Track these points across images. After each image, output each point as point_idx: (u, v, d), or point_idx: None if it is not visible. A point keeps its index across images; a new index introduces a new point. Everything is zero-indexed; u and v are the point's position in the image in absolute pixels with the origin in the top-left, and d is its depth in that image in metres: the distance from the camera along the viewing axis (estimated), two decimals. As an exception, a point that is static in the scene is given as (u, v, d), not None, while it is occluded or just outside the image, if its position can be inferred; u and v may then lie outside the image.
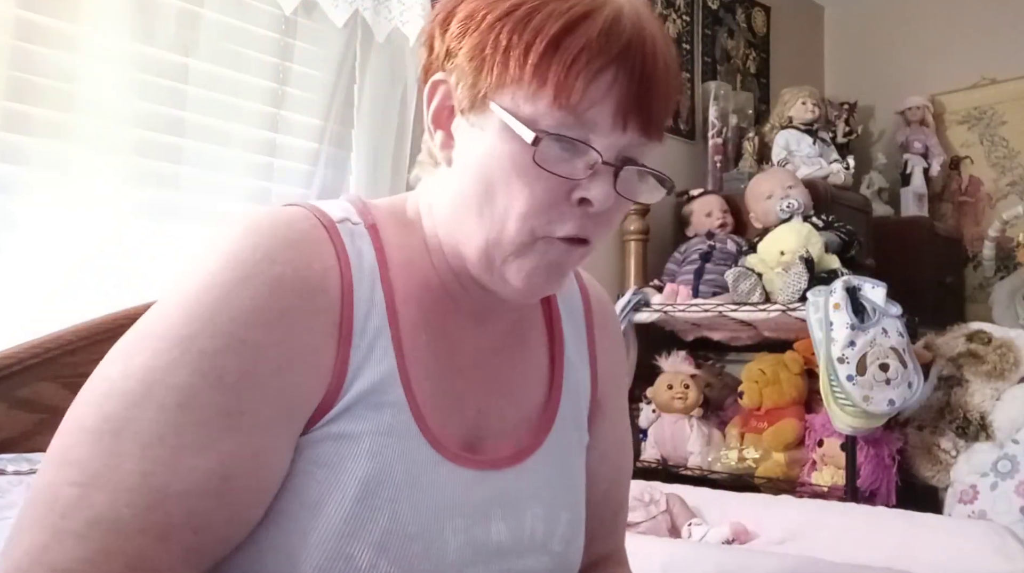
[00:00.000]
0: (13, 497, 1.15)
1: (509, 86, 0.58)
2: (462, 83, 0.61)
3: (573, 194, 0.60)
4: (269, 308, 0.56)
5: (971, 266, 3.20)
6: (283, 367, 0.56)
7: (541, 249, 0.61)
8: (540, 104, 0.57)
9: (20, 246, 1.43)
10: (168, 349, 0.54)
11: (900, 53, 3.41)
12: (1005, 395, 2.02)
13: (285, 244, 0.59)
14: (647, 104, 0.59)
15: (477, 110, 0.60)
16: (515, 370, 0.72)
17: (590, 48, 0.56)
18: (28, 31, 1.42)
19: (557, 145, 0.58)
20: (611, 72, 0.57)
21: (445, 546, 0.60)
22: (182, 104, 1.64)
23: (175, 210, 1.64)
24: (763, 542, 1.63)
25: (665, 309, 2.32)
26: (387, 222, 0.67)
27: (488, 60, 0.58)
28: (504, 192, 0.59)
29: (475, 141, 0.61)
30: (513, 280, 0.62)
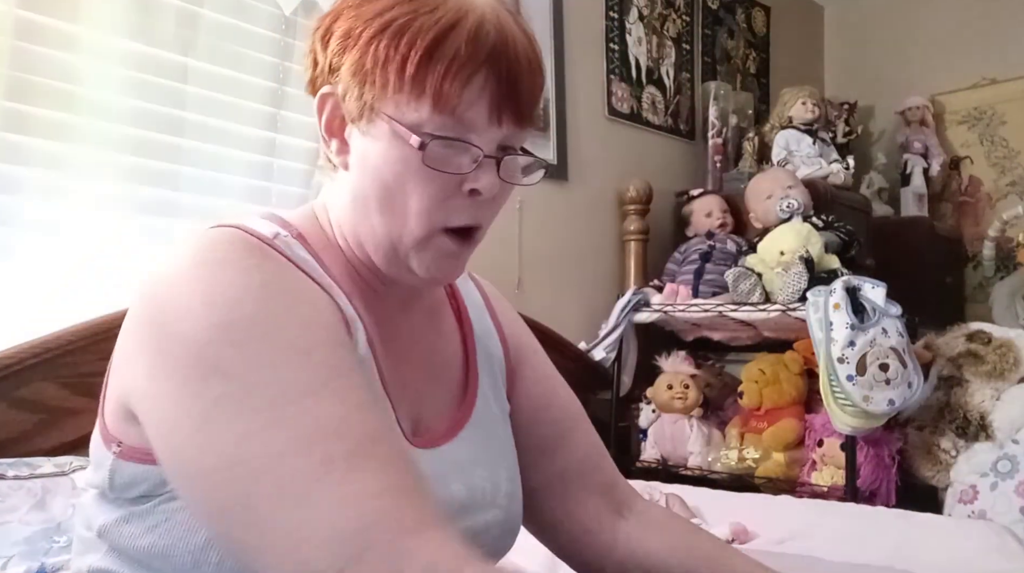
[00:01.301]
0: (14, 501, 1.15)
1: (391, 96, 0.63)
2: (349, 95, 0.66)
3: (463, 186, 0.66)
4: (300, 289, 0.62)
5: (971, 266, 3.20)
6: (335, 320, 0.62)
7: (439, 242, 0.67)
8: (421, 110, 0.63)
9: (20, 246, 1.43)
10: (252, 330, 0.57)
11: (900, 53, 3.41)
12: (1005, 395, 2.02)
13: (246, 247, 0.62)
14: (516, 99, 0.66)
15: (366, 119, 0.65)
16: (437, 353, 0.78)
17: (460, 56, 0.62)
18: (28, 31, 1.42)
19: (441, 146, 0.64)
20: (481, 75, 0.63)
21: None
22: (181, 104, 1.64)
23: (175, 209, 1.64)
24: (763, 542, 1.63)
25: (665, 309, 2.32)
26: (307, 229, 0.71)
27: (369, 74, 0.64)
28: (400, 192, 0.65)
29: (368, 147, 0.66)
30: (418, 270, 0.68)
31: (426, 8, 0.63)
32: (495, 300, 0.88)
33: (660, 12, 2.86)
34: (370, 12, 0.64)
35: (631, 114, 2.72)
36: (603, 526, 0.82)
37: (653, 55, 2.82)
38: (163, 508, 0.61)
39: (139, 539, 0.62)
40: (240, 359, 0.55)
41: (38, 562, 1.05)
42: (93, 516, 0.66)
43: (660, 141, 2.83)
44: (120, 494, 0.63)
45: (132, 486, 0.62)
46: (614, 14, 2.68)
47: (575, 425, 0.86)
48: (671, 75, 2.88)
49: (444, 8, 0.63)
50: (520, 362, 0.85)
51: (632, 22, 2.75)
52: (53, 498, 1.17)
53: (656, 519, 0.84)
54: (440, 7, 0.63)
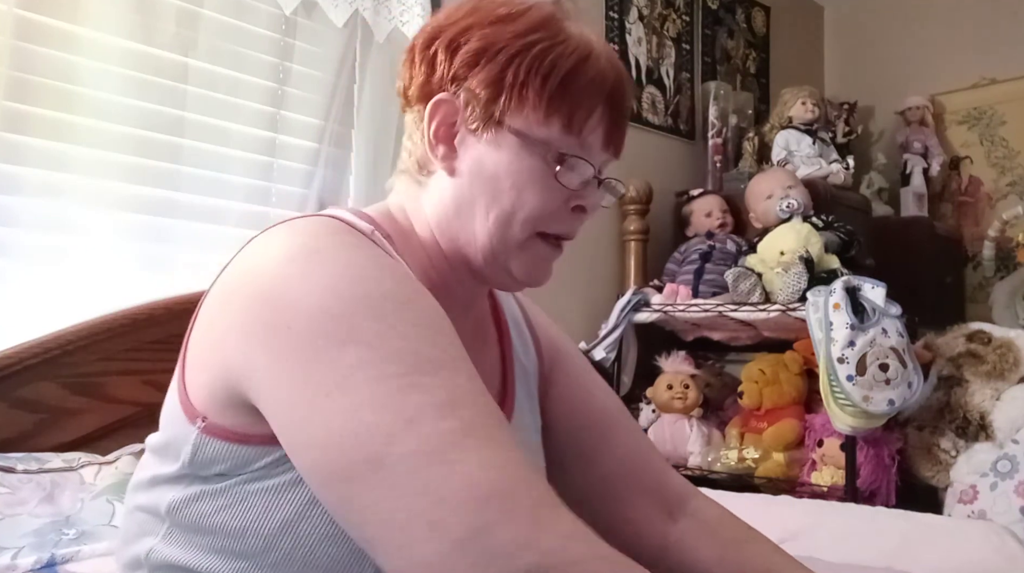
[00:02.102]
0: (23, 495, 1.15)
1: (523, 112, 0.69)
2: (473, 105, 0.70)
3: (571, 201, 0.72)
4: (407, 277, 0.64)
5: (971, 266, 3.20)
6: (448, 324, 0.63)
7: (536, 246, 0.73)
8: (552, 129, 0.69)
9: (20, 246, 1.43)
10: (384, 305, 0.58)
11: (900, 53, 3.41)
12: (1005, 395, 2.02)
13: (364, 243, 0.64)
14: (623, 131, 0.75)
15: (489, 129, 0.70)
16: (483, 362, 0.77)
17: (592, 87, 0.70)
18: (28, 31, 1.42)
19: (565, 163, 0.70)
20: (604, 106, 0.71)
21: None
22: (182, 103, 1.64)
23: (175, 209, 1.64)
24: (763, 542, 1.63)
25: (665, 309, 2.32)
26: (389, 229, 0.73)
27: (509, 89, 0.69)
28: (517, 199, 0.70)
29: (487, 155, 0.71)
30: (517, 272, 0.73)
31: (560, 38, 0.70)
32: (530, 310, 0.91)
33: (660, 12, 2.86)
34: (509, 33, 0.70)
35: (631, 114, 2.71)
36: (654, 530, 0.82)
37: (653, 55, 2.82)
38: (241, 489, 0.61)
39: (210, 517, 0.61)
40: (376, 329, 0.56)
41: (48, 553, 1.05)
42: (158, 496, 0.65)
43: (660, 141, 2.83)
44: (197, 471, 0.63)
45: (213, 463, 0.62)
46: (614, 14, 2.68)
47: (614, 425, 0.86)
48: (671, 75, 2.88)
49: (573, 41, 0.71)
50: (553, 367, 0.87)
51: (632, 22, 2.74)
52: (62, 492, 1.18)
53: (709, 522, 0.83)
54: (569, 40, 0.70)
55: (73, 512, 1.15)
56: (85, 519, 1.15)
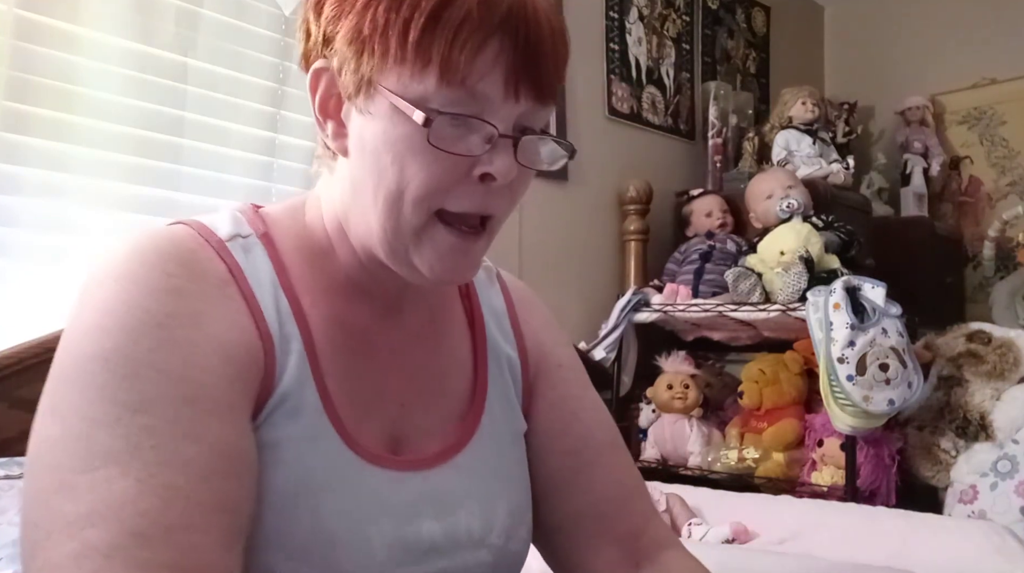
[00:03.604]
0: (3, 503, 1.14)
1: (393, 67, 0.56)
2: (345, 68, 0.59)
3: (474, 171, 0.58)
4: (184, 312, 0.56)
5: (971, 266, 3.20)
6: (222, 359, 0.55)
7: (436, 235, 0.60)
8: (427, 82, 0.55)
9: (20, 245, 1.43)
10: (96, 371, 0.52)
11: (900, 53, 3.41)
12: (1005, 395, 2.02)
13: (173, 260, 0.58)
14: (536, 69, 0.58)
15: (364, 95, 0.58)
16: (438, 361, 0.70)
17: (471, 19, 0.55)
18: (28, 31, 1.42)
19: (450, 123, 0.56)
20: (496, 41, 0.56)
21: (371, 549, 0.59)
22: (181, 104, 1.64)
23: (175, 209, 1.64)
24: (763, 542, 1.63)
25: (665, 309, 2.32)
26: (282, 228, 0.66)
27: (368, 41, 0.56)
28: (401, 177, 0.58)
29: (366, 127, 0.59)
30: (421, 267, 0.61)
31: None
32: (522, 304, 0.79)
33: (660, 12, 2.86)
34: None
35: (631, 114, 2.72)
36: None
37: (653, 55, 2.82)
38: None
39: None
40: (72, 403, 0.52)
41: (26, 565, 1.03)
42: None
43: (660, 141, 2.83)
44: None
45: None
46: (614, 14, 2.68)
47: (596, 459, 0.75)
48: (671, 75, 2.88)
49: None
50: (538, 377, 0.76)
51: (632, 22, 2.75)
52: (44, 500, 1.16)
53: None
54: None
55: (54, 521, 1.13)
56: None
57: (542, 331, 0.79)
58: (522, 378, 0.75)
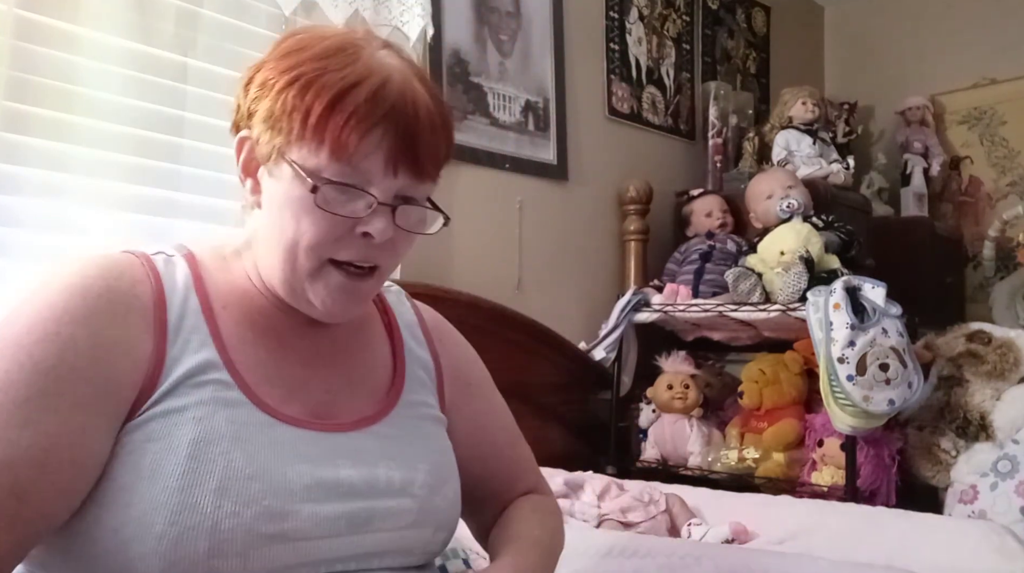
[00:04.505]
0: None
1: (296, 143, 0.70)
2: (261, 139, 0.73)
3: (356, 229, 0.72)
4: (80, 308, 0.66)
5: (971, 266, 3.20)
6: (99, 358, 0.65)
7: (329, 275, 0.73)
8: (321, 157, 0.69)
9: (20, 245, 1.43)
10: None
11: (900, 53, 3.41)
12: (1005, 395, 2.02)
13: (96, 266, 0.70)
14: (414, 153, 0.72)
15: (274, 162, 0.72)
16: (362, 364, 0.83)
17: (359, 111, 0.69)
18: (28, 31, 1.42)
19: (335, 190, 0.70)
20: (379, 129, 0.70)
21: (289, 483, 0.69)
22: (181, 103, 1.64)
23: (175, 209, 1.64)
24: (763, 542, 1.63)
25: (665, 309, 2.32)
26: (206, 254, 0.78)
27: (278, 121, 0.71)
28: (296, 230, 0.71)
29: (274, 188, 0.73)
30: (315, 301, 0.74)
31: (336, 66, 0.70)
32: (435, 327, 0.94)
33: (660, 12, 2.86)
34: (285, 65, 0.71)
35: (631, 114, 2.72)
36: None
37: (653, 55, 2.82)
38: None
39: None
40: None
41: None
42: None
43: (660, 141, 2.83)
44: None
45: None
46: (614, 14, 2.68)
47: (499, 457, 0.94)
48: (671, 75, 2.88)
49: (352, 68, 0.70)
50: (454, 393, 0.90)
51: (632, 22, 2.75)
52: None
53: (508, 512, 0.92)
54: (349, 66, 0.70)
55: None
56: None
57: (454, 350, 0.94)
58: (436, 379, 0.89)
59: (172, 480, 0.64)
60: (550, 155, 2.40)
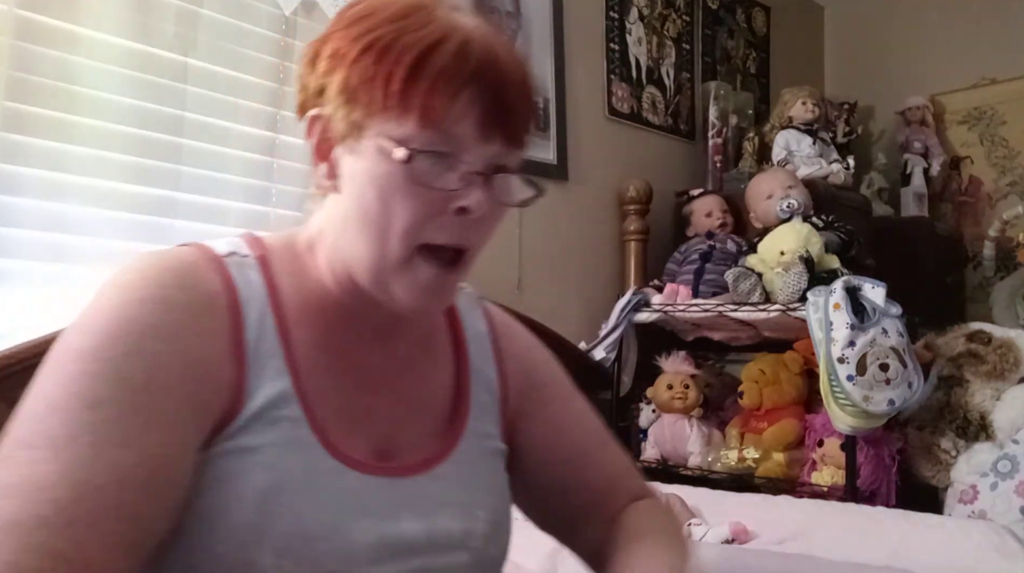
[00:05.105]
0: None
1: (379, 113, 0.64)
2: (337, 115, 0.66)
3: (450, 205, 0.65)
4: (164, 323, 0.61)
5: (971, 266, 3.20)
6: (186, 376, 0.60)
7: (420, 268, 0.66)
8: (408, 126, 0.63)
9: (20, 245, 1.43)
10: (69, 363, 0.58)
11: (900, 53, 3.41)
12: (1005, 395, 2.02)
13: (170, 272, 0.64)
14: (506, 116, 0.66)
15: (353, 138, 0.66)
16: (424, 386, 0.76)
17: (446, 72, 0.63)
18: (28, 31, 1.42)
19: (429, 161, 0.63)
20: (469, 91, 0.64)
21: (353, 544, 0.64)
22: (182, 103, 1.64)
23: (175, 209, 1.64)
24: (763, 542, 1.63)
25: (665, 309, 2.32)
26: (278, 253, 0.71)
27: (356, 93, 0.64)
28: (384, 211, 0.65)
29: (355, 167, 0.66)
30: (401, 297, 0.67)
31: (412, 27, 0.64)
32: (505, 333, 0.86)
33: (660, 12, 2.86)
34: (357, 32, 0.65)
35: (631, 114, 2.72)
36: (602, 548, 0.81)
37: (653, 55, 2.82)
38: None
39: None
40: (41, 387, 0.57)
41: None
42: None
43: (660, 141, 2.83)
44: None
45: None
46: (614, 14, 2.68)
47: (587, 461, 0.84)
48: (671, 75, 2.88)
49: (430, 27, 0.64)
50: (527, 399, 0.83)
51: (632, 22, 2.75)
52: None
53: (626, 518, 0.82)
54: (426, 26, 0.64)
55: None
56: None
57: (525, 354, 0.86)
58: (500, 400, 0.81)
59: (233, 532, 0.60)
60: (550, 155, 2.40)
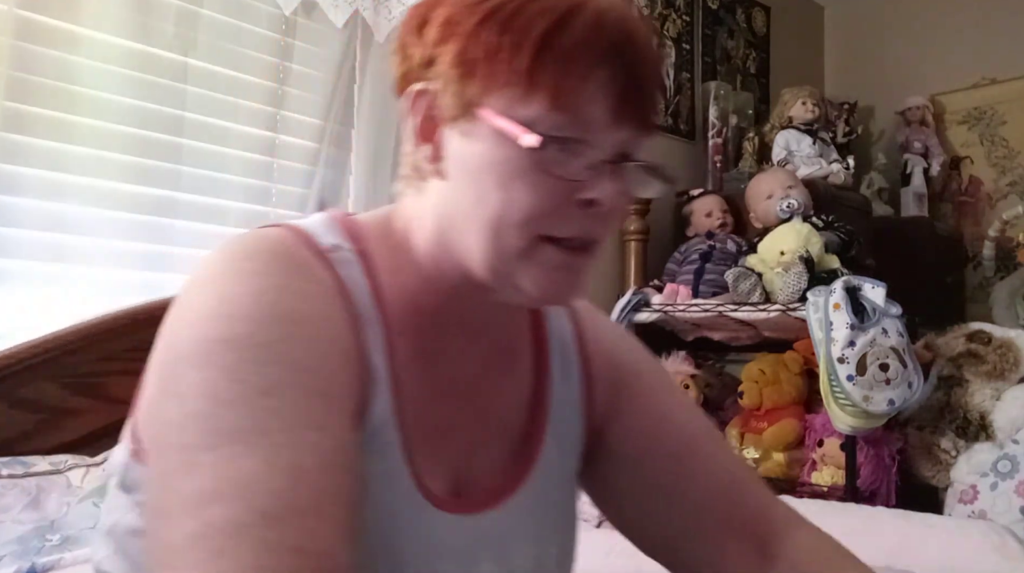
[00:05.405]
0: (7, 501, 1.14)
1: (500, 90, 0.56)
2: (448, 91, 0.58)
3: (576, 195, 0.58)
4: (310, 311, 0.55)
5: (971, 266, 3.20)
6: (342, 364, 0.55)
7: (545, 253, 0.58)
8: (534, 106, 0.55)
9: (20, 245, 1.43)
10: (222, 353, 0.51)
11: (900, 53, 3.41)
12: (1005, 395, 2.02)
13: (295, 264, 0.57)
14: (640, 98, 0.59)
15: (467, 118, 0.58)
16: (502, 396, 0.69)
17: (582, 44, 0.55)
18: (28, 31, 1.42)
19: (557, 147, 0.56)
20: (603, 69, 0.56)
21: None
22: (182, 103, 1.64)
23: (175, 209, 1.64)
24: (763, 542, 1.63)
25: (665, 309, 2.32)
26: (376, 244, 0.64)
27: (475, 65, 0.56)
28: (501, 201, 0.57)
29: (467, 150, 0.58)
30: (528, 288, 0.59)
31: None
32: (591, 330, 0.76)
33: (660, 12, 2.85)
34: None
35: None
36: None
37: (653, 55, 2.81)
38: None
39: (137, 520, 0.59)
40: (193, 381, 0.50)
41: (29, 562, 1.04)
42: (105, 513, 0.64)
43: (660, 141, 2.83)
44: (130, 493, 0.61)
45: (140, 488, 0.59)
46: (614, 14, 2.68)
47: (696, 452, 0.73)
48: (671, 75, 2.87)
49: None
50: (617, 394, 0.74)
51: (632, 22, 2.74)
52: (47, 497, 1.17)
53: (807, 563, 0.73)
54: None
55: (58, 516, 1.13)
56: (70, 523, 1.13)
57: (613, 346, 0.76)
58: (584, 410, 0.73)
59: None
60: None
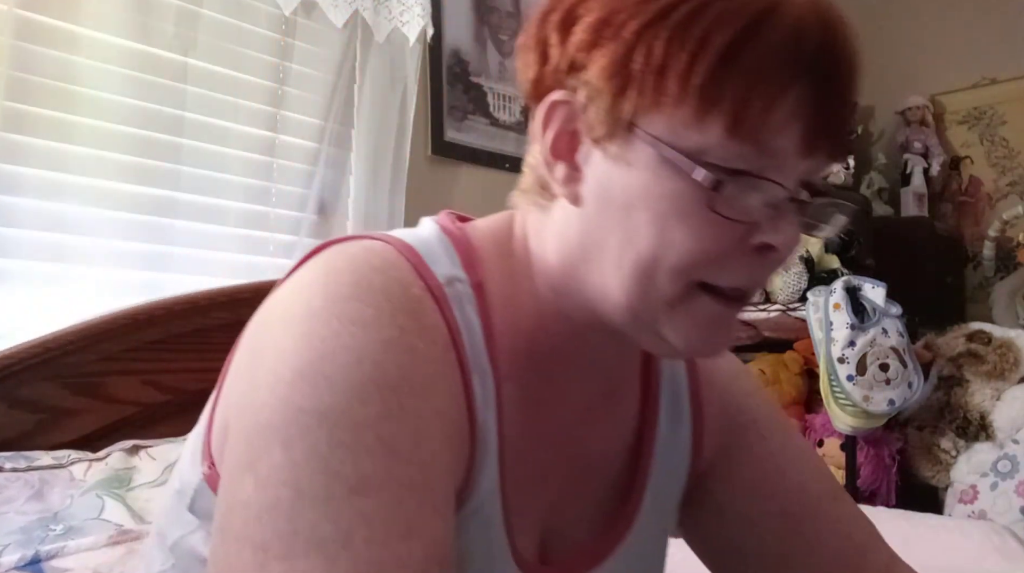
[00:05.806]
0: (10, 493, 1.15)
1: (665, 110, 0.46)
2: (596, 105, 0.48)
3: (750, 239, 0.48)
4: (417, 376, 0.46)
5: (971, 266, 3.20)
6: (444, 441, 0.46)
7: (699, 302, 0.49)
8: (710, 132, 0.45)
9: (20, 245, 1.43)
10: (312, 429, 0.42)
11: (900, 53, 3.41)
12: (1005, 395, 2.02)
13: (406, 312, 0.48)
14: (839, 123, 0.49)
15: (618, 139, 0.48)
16: (600, 444, 0.61)
17: (774, 58, 0.45)
18: (28, 31, 1.42)
19: (736, 184, 0.46)
20: (799, 88, 0.46)
21: None
22: (181, 103, 1.64)
23: (175, 209, 1.64)
24: (763, 542, 1.63)
25: (665, 309, 2.32)
26: (492, 268, 0.55)
27: (636, 78, 0.46)
28: (658, 241, 0.47)
29: (616, 177, 0.49)
30: (674, 340, 0.51)
31: None
32: (705, 372, 0.67)
33: (660, 12, 2.85)
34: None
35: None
36: None
37: (653, 55, 2.81)
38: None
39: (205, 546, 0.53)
40: (279, 467, 0.42)
41: (33, 550, 1.04)
42: (167, 520, 0.58)
43: (660, 141, 2.82)
44: (199, 518, 0.55)
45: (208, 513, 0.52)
46: (614, 14, 2.68)
47: (815, 515, 0.65)
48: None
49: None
50: (726, 446, 0.66)
51: (632, 22, 2.74)
52: (51, 489, 1.17)
53: None
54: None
55: (61, 508, 1.14)
56: (74, 514, 1.14)
57: (728, 387, 0.68)
58: (690, 461, 0.65)
59: None
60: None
